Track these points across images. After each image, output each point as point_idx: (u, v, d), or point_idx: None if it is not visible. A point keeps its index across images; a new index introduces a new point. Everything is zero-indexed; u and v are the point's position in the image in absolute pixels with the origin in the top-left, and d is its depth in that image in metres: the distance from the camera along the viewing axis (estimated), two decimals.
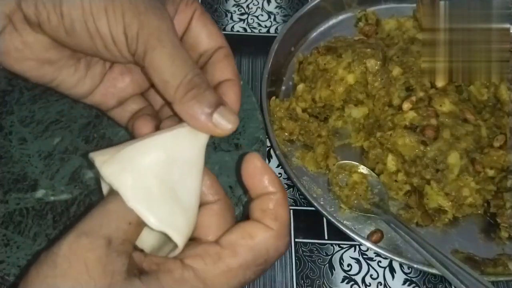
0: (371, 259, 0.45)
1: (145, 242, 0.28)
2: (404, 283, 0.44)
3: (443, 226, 0.45)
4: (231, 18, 0.60)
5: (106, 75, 0.34)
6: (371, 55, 0.49)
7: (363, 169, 0.47)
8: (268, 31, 0.59)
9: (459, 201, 0.44)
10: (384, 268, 0.44)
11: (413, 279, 0.44)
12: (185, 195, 0.27)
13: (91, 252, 0.23)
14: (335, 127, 0.51)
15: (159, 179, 0.26)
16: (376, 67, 0.49)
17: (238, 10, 0.60)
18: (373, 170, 0.47)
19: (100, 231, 0.24)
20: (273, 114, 0.49)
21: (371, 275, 0.44)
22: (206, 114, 0.27)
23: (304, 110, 0.50)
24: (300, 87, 0.51)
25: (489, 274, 0.42)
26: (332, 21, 0.58)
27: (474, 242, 0.45)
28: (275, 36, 0.53)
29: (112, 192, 0.26)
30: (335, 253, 0.45)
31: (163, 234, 0.26)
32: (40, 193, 0.41)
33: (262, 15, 0.60)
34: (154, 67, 0.28)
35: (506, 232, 0.45)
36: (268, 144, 0.48)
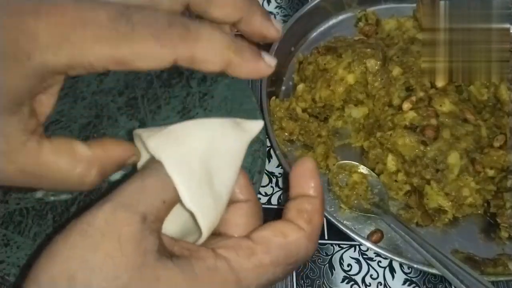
0: (371, 259, 0.45)
1: (168, 229, 0.28)
2: (404, 283, 0.44)
3: (443, 226, 0.45)
4: None
5: None
6: (371, 55, 0.49)
7: (363, 169, 0.47)
8: None
9: (459, 201, 0.44)
10: (384, 268, 0.44)
11: (413, 279, 0.44)
12: (219, 185, 0.27)
13: (127, 227, 0.22)
14: (335, 127, 0.51)
15: (201, 160, 0.26)
16: (376, 67, 0.49)
17: None
18: (373, 170, 0.47)
19: (137, 206, 0.23)
20: (273, 114, 0.49)
21: (371, 275, 0.44)
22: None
23: (304, 110, 0.50)
24: (300, 87, 0.51)
25: (489, 274, 0.42)
26: (332, 21, 0.58)
27: (474, 242, 0.45)
28: None
29: (149, 167, 0.25)
30: (335, 253, 0.45)
31: (188, 223, 0.26)
32: (40, 193, 0.41)
33: None
34: None
35: (506, 232, 0.45)
36: (268, 144, 0.48)
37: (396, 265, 0.45)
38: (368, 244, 0.42)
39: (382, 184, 0.47)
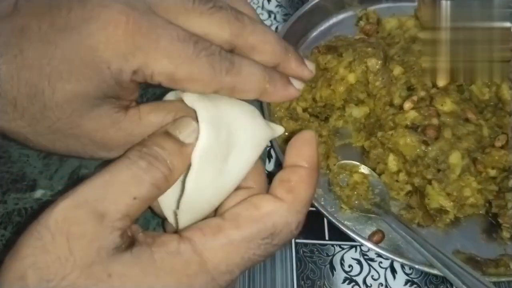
0: (372, 259, 0.45)
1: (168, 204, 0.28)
2: (405, 284, 0.44)
3: (444, 226, 0.45)
4: None
5: None
6: (372, 54, 0.49)
7: (364, 169, 0.47)
8: None
9: (460, 201, 0.44)
10: (385, 268, 0.44)
11: (414, 279, 0.44)
12: (233, 164, 0.27)
13: (77, 226, 0.22)
14: (336, 126, 0.50)
15: (228, 132, 0.27)
16: (377, 67, 0.48)
17: None
18: (374, 170, 0.47)
19: (95, 204, 0.23)
20: (273, 114, 0.49)
21: (372, 276, 0.44)
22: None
23: (304, 110, 0.50)
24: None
25: (490, 274, 0.41)
26: (333, 20, 0.58)
27: (476, 242, 0.45)
28: None
29: (120, 161, 0.25)
30: (336, 253, 0.45)
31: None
32: (39, 193, 0.41)
33: (263, 14, 0.60)
34: None
35: (508, 232, 0.44)
36: (268, 143, 0.47)
37: (397, 265, 0.44)
38: (369, 245, 0.42)
39: (383, 184, 0.46)
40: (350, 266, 0.44)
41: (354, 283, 0.43)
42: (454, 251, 0.44)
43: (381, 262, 0.44)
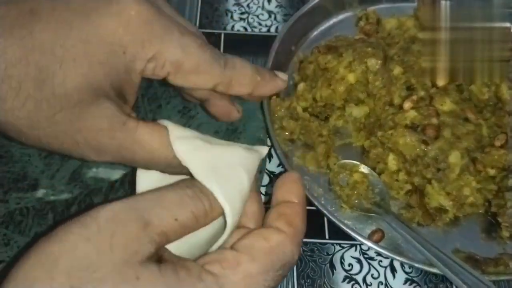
0: (372, 258, 0.45)
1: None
2: (405, 283, 0.44)
3: (444, 225, 0.45)
4: (232, 17, 0.59)
5: None
6: (372, 54, 0.49)
7: (364, 168, 0.47)
8: (268, 31, 0.59)
9: (460, 200, 0.44)
10: (385, 267, 0.44)
11: (414, 278, 0.44)
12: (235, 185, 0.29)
13: (123, 227, 0.23)
14: (336, 126, 0.51)
15: (227, 169, 0.28)
16: (377, 66, 0.49)
17: (239, 9, 0.60)
18: (374, 169, 0.47)
19: (144, 213, 0.24)
20: (273, 114, 0.49)
21: (372, 275, 0.44)
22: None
23: (304, 110, 0.50)
24: (301, 86, 0.51)
25: (490, 273, 0.42)
26: (333, 20, 0.58)
27: (475, 241, 0.45)
28: (276, 36, 0.53)
29: (170, 186, 0.27)
30: (336, 252, 0.45)
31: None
32: (40, 192, 0.41)
33: (263, 15, 0.60)
34: None
35: (507, 231, 0.44)
36: (269, 143, 0.47)
37: (397, 264, 0.44)
38: (369, 244, 0.42)
39: (383, 184, 0.46)
40: (350, 265, 0.44)
41: (354, 282, 0.43)
42: (454, 250, 0.44)
43: (381, 261, 0.45)
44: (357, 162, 0.48)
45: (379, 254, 0.45)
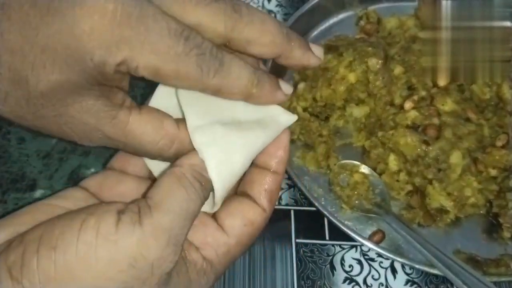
0: (373, 259, 0.45)
1: None
2: (406, 284, 0.43)
3: (445, 226, 0.45)
4: None
5: None
6: (373, 54, 0.49)
7: (364, 168, 0.47)
8: None
9: (461, 201, 0.44)
10: (386, 268, 0.44)
11: (414, 279, 0.44)
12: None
13: (171, 223, 0.25)
14: (336, 126, 0.50)
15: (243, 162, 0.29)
16: (378, 66, 0.48)
17: None
18: (374, 169, 0.47)
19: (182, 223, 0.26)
20: None
21: (372, 276, 0.44)
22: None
23: (305, 109, 0.50)
24: (301, 86, 0.51)
25: (491, 274, 0.41)
26: (333, 19, 0.58)
27: (476, 242, 0.45)
28: None
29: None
30: (336, 253, 0.45)
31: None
32: (38, 193, 0.41)
33: None
34: None
35: (509, 232, 0.44)
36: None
37: (397, 265, 0.44)
38: (370, 245, 0.42)
39: (383, 184, 0.46)
40: (350, 266, 0.44)
41: (354, 283, 0.43)
42: (455, 251, 0.44)
43: (381, 262, 0.44)
44: (357, 163, 0.48)
45: (380, 255, 0.44)
